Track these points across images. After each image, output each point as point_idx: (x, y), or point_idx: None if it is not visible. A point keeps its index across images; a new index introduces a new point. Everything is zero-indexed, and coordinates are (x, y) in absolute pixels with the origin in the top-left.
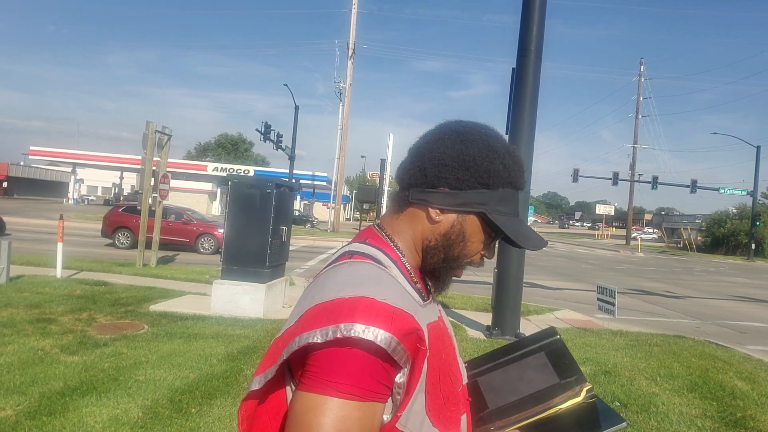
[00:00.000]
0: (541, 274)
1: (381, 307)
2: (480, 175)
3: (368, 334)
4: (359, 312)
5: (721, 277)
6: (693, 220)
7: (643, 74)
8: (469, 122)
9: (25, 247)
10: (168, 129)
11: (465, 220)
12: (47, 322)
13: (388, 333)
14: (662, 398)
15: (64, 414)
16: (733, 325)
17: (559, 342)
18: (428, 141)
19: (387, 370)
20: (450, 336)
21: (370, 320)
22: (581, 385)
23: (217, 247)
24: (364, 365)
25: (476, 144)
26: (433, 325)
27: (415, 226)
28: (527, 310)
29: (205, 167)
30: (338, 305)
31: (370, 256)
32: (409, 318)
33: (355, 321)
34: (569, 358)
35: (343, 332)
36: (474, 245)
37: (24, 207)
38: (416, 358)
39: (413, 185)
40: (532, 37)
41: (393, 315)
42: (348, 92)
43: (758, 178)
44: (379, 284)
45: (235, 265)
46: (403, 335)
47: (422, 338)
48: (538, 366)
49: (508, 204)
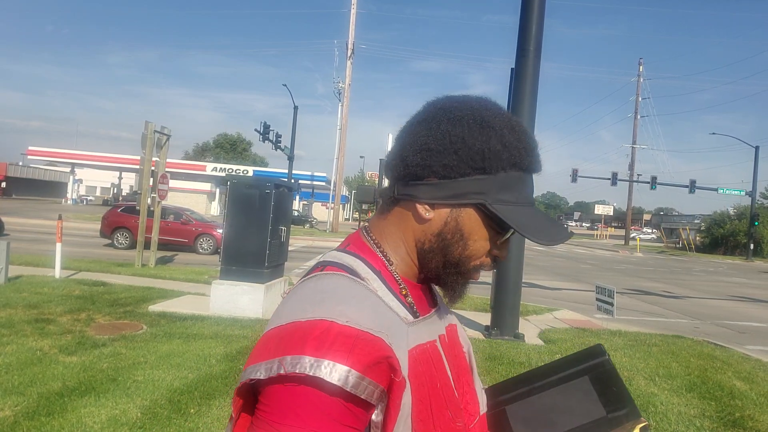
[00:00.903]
0: (539, 274)
1: (340, 332)
2: (472, 158)
3: (318, 371)
4: (311, 341)
5: (719, 277)
6: (692, 220)
7: (642, 74)
8: (459, 97)
9: (24, 248)
10: (167, 129)
11: (460, 214)
12: (46, 322)
13: (344, 366)
14: (661, 398)
15: (63, 414)
16: (731, 325)
17: (608, 364)
18: (411, 124)
19: (352, 410)
20: (463, 356)
21: (323, 351)
22: (634, 422)
23: (216, 247)
24: (319, 406)
25: (466, 120)
26: (425, 347)
27: (405, 226)
28: (526, 311)
29: (204, 167)
30: (290, 332)
31: (345, 267)
32: (376, 343)
33: (303, 353)
34: (619, 385)
35: (288, 368)
36: (478, 244)
37: (23, 207)
38: (391, 391)
39: (398, 179)
40: (531, 37)
41: (354, 342)
42: (347, 92)
43: (757, 179)
44: (345, 300)
45: (234, 266)
46: (367, 366)
47: (395, 367)
48: (580, 393)
49: (515, 191)
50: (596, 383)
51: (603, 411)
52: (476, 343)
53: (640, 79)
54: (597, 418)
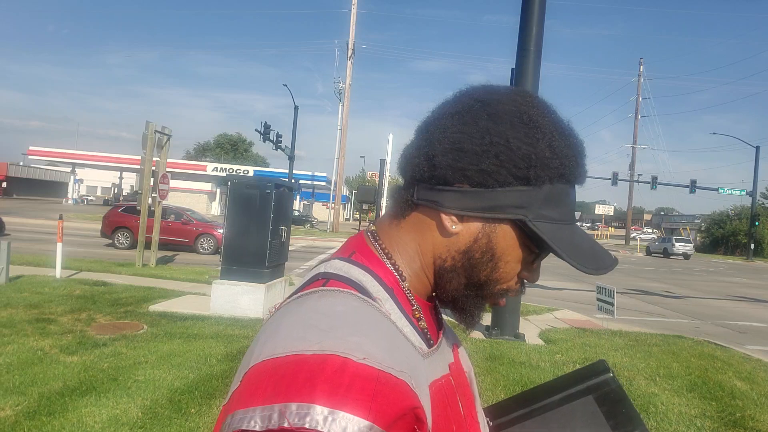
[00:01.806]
0: (540, 274)
1: (357, 372)
2: (516, 165)
3: (332, 426)
4: (322, 383)
5: (720, 277)
6: (692, 220)
7: (642, 74)
8: (500, 87)
9: (25, 247)
10: (167, 129)
11: (495, 230)
12: (46, 322)
13: (365, 422)
14: (661, 398)
15: (64, 414)
16: (732, 325)
17: (613, 382)
18: (441, 116)
19: None
20: (468, 385)
21: (338, 399)
22: None
23: (216, 247)
24: None
25: (510, 118)
26: (441, 383)
27: (423, 238)
28: (527, 310)
29: (204, 167)
30: (292, 368)
31: (353, 283)
32: (401, 390)
33: (314, 400)
34: (627, 405)
35: (294, 420)
36: (509, 266)
37: (23, 207)
38: None
39: (419, 180)
40: (531, 37)
41: (375, 387)
42: (347, 92)
43: (757, 179)
44: (359, 330)
45: (234, 266)
46: (392, 421)
47: (422, 420)
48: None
49: (559, 206)
50: (602, 403)
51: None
52: (477, 343)
53: (641, 79)
54: None
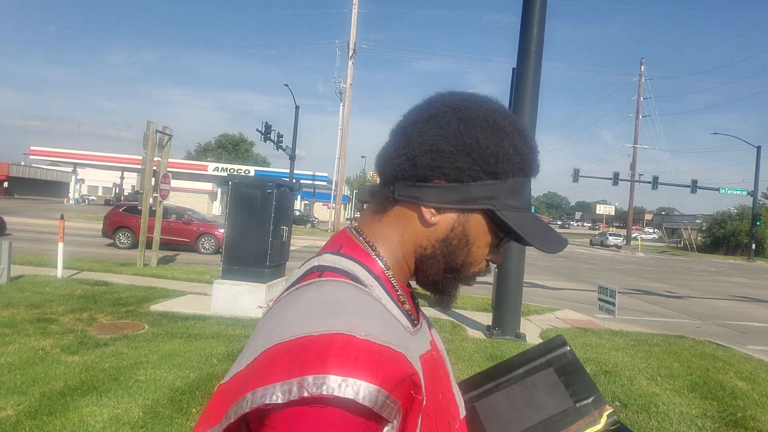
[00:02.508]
0: (541, 274)
1: (361, 347)
2: (486, 162)
3: (347, 390)
4: (332, 357)
5: (721, 277)
6: (693, 220)
7: (643, 74)
8: (465, 94)
9: (26, 247)
10: (169, 129)
11: (468, 220)
12: (48, 321)
13: (373, 385)
14: (663, 398)
15: (65, 414)
16: (733, 325)
17: (570, 354)
18: (417, 120)
19: (371, 428)
20: (444, 361)
21: (348, 369)
22: (600, 409)
23: (217, 247)
24: (341, 428)
25: (479, 122)
26: (427, 356)
27: (405, 230)
28: (527, 310)
29: (205, 167)
30: (304, 347)
31: (346, 272)
32: (400, 359)
33: (327, 371)
34: (583, 375)
35: (312, 390)
36: (480, 250)
37: (25, 207)
38: (410, 410)
39: (400, 178)
40: (532, 37)
41: (379, 359)
42: (348, 92)
43: (758, 178)
44: (359, 312)
45: (235, 265)
46: (395, 385)
47: (418, 384)
48: (547, 386)
49: (520, 196)
50: (561, 374)
51: (571, 401)
52: (478, 343)
53: (642, 78)
54: (565, 409)
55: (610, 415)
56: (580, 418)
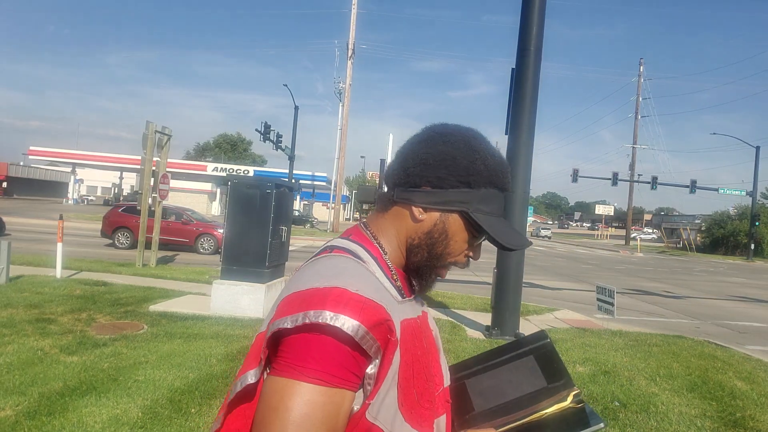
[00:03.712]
0: (540, 274)
1: (351, 297)
2: (460, 174)
3: (336, 322)
4: (330, 300)
5: (720, 277)
6: (692, 221)
7: (642, 74)
8: (453, 125)
9: (25, 247)
10: (168, 129)
11: (448, 218)
12: (47, 322)
13: (356, 321)
14: (662, 398)
15: (64, 414)
16: (732, 325)
17: (549, 345)
18: (413, 142)
19: (356, 359)
20: (433, 337)
21: (339, 308)
22: (568, 390)
23: (216, 247)
24: (332, 352)
25: (457, 144)
26: (410, 321)
27: (400, 224)
28: (527, 310)
29: (204, 167)
30: (311, 294)
31: (350, 251)
32: (379, 308)
33: (324, 308)
34: (558, 362)
35: (312, 318)
36: (458, 244)
37: (24, 207)
38: (386, 349)
39: (397, 185)
40: (531, 37)
41: (363, 305)
42: (347, 92)
43: (757, 179)
44: (354, 276)
45: (234, 266)
46: (373, 325)
47: (392, 329)
48: (526, 370)
49: (491, 204)
50: (540, 361)
51: (545, 383)
52: (477, 343)
53: (641, 79)
54: (539, 388)
55: (576, 395)
56: (550, 396)
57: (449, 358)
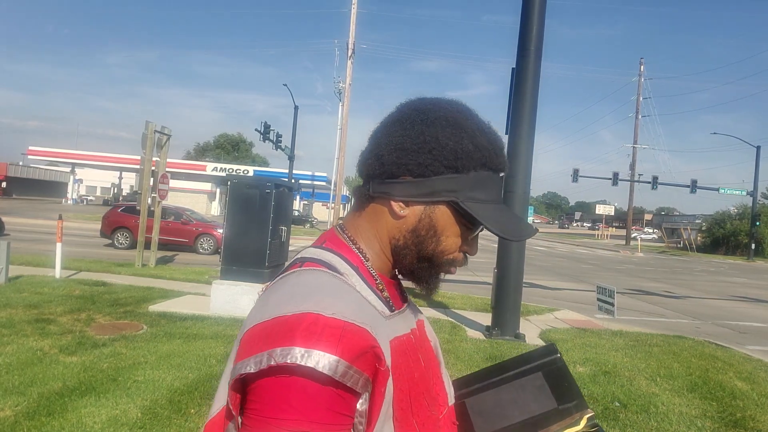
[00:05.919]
0: (541, 274)
1: (327, 323)
2: (446, 158)
3: (309, 361)
4: (300, 332)
5: (721, 277)
6: (693, 220)
7: (643, 74)
8: (432, 98)
9: (24, 247)
10: (167, 129)
11: (434, 211)
12: (46, 322)
13: (333, 357)
14: (662, 398)
15: (63, 414)
16: (732, 326)
17: (560, 361)
18: (386, 124)
19: (344, 398)
20: (431, 349)
21: (312, 342)
22: (582, 412)
23: (216, 247)
24: (312, 394)
25: (440, 122)
26: (402, 339)
27: (379, 223)
28: (527, 311)
29: (204, 167)
30: (276, 325)
31: (324, 263)
32: (362, 333)
33: (293, 344)
34: (570, 381)
35: (278, 359)
36: (450, 240)
37: (23, 207)
38: (376, 381)
39: (372, 177)
40: (531, 37)
41: (342, 332)
42: (347, 92)
43: (758, 178)
44: (330, 295)
45: (234, 266)
46: (356, 356)
47: (380, 357)
48: (534, 388)
49: (486, 189)
50: (549, 378)
51: (555, 403)
52: (477, 344)
53: (641, 78)
54: (549, 410)
55: (591, 418)
56: (561, 419)
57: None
